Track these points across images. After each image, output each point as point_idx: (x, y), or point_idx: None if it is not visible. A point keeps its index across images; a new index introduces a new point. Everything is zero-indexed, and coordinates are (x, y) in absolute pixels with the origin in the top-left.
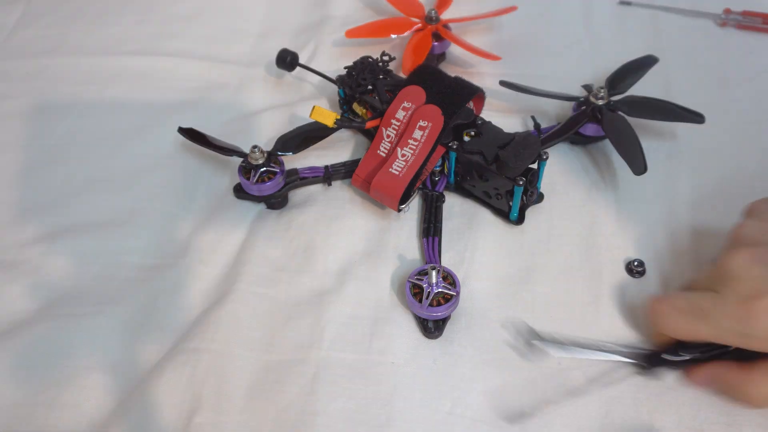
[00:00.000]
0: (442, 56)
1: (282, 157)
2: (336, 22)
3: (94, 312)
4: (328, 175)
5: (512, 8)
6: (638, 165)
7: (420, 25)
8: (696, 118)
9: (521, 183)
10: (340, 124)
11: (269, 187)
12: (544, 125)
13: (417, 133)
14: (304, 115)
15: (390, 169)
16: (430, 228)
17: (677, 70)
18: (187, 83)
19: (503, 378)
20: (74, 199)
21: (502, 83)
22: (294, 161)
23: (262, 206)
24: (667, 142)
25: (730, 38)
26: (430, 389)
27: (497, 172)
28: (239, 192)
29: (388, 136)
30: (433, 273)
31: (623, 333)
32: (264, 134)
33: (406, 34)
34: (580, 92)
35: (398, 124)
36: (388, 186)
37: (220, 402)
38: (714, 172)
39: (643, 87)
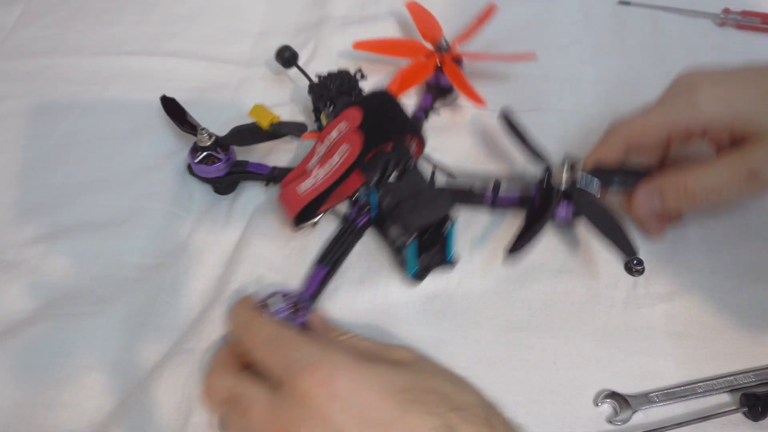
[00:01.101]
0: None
1: (236, 147)
2: (336, 21)
3: (93, 312)
4: (272, 176)
5: (532, 55)
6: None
7: (429, 51)
8: (629, 251)
9: (412, 239)
10: (273, 129)
11: (210, 171)
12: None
13: (335, 157)
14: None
15: (297, 187)
16: (327, 257)
17: (677, 70)
18: (187, 83)
19: (499, 377)
20: (74, 199)
21: (503, 117)
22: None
23: (260, 206)
24: None
25: (729, 38)
26: None
27: (391, 220)
28: (189, 169)
29: (318, 153)
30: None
31: (620, 332)
32: None
33: (410, 60)
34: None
35: (329, 143)
36: (289, 202)
37: None
38: None
39: (644, 86)
